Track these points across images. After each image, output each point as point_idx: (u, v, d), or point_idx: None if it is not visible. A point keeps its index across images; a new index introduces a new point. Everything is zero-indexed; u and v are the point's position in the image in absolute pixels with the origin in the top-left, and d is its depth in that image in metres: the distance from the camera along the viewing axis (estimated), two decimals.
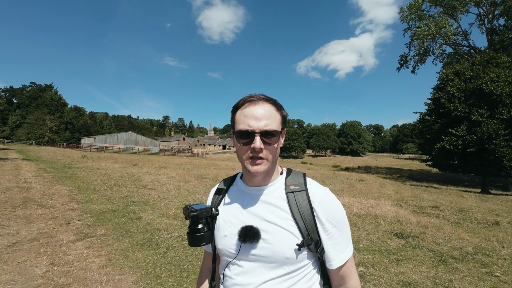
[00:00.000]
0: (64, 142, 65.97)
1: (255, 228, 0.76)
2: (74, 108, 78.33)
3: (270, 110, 0.77)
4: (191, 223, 0.82)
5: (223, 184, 0.94)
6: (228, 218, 0.84)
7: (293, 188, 0.80)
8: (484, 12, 21.75)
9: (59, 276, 2.74)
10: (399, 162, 54.26)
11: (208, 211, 0.83)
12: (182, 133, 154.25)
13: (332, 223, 0.78)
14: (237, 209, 0.84)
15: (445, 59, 24.93)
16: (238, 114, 0.79)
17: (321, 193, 0.80)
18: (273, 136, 0.76)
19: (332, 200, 0.80)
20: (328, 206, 0.78)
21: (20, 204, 5.43)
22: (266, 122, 0.74)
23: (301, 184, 0.81)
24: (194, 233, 0.81)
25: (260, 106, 0.76)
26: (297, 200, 0.78)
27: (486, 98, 14.76)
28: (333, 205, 0.79)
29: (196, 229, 0.81)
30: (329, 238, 0.77)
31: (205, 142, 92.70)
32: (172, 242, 3.86)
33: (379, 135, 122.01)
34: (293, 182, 0.82)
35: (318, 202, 0.78)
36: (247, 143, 0.75)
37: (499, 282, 3.02)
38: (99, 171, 11.46)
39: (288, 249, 0.74)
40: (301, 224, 0.75)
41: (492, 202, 9.60)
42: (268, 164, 0.77)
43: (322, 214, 0.77)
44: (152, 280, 2.79)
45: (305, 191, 0.79)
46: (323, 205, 0.78)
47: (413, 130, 59.15)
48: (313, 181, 0.84)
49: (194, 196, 7.35)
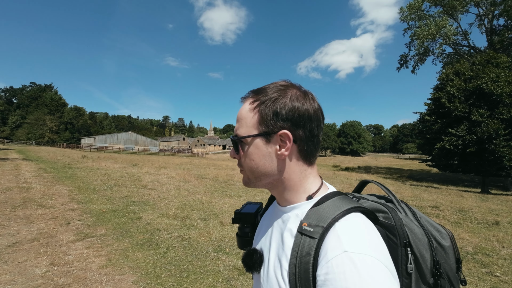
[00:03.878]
0: (64, 142, 66.00)
1: (258, 256, 0.59)
2: (74, 108, 78.41)
3: (246, 109, 0.58)
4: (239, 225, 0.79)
5: None
6: (257, 231, 0.72)
7: (304, 227, 0.50)
8: (484, 12, 21.75)
9: (59, 276, 2.74)
10: (399, 162, 54.24)
11: (251, 217, 0.78)
12: (182, 133, 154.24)
13: None
14: (261, 224, 0.71)
15: (445, 59, 24.93)
16: None
17: (337, 251, 0.44)
18: (239, 142, 0.58)
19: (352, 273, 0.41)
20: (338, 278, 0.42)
21: (20, 204, 5.43)
22: (237, 125, 0.60)
23: (321, 226, 0.48)
24: (240, 235, 0.77)
25: (241, 106, 0.61)
26: (300, 250, 0.49)
27: (486, 98, 14.77)
28: (346, 283, 0.40)
29: (242, 231, 0.77)
30: None
31: (205, 142, 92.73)
32: (172, 242, 3.86)
33: (379, 135, 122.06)
34: (312, 219, 0.51)
35: (324, 263, 0.45)
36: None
37: (499, 282, 3.02)
38: (99, 171, 11.46)
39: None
40: (292, 283, 0.48)
41: (492, 202, 9.60)
42: (249, 176, 0.60)
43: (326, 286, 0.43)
44: (152, 280, 2.79)
45: (317, 240, 0.47)
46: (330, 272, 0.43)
47: (413, 130, 59.16)
48: (351, 229, 0.47)
49: (194, 196, 7.34)
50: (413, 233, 0.54)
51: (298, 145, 0.56)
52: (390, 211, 0.57)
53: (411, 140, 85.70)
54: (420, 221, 0.58)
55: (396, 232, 0.54)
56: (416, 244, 0.54)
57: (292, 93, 0.56)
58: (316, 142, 0.58)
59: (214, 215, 5.44)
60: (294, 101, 0.55)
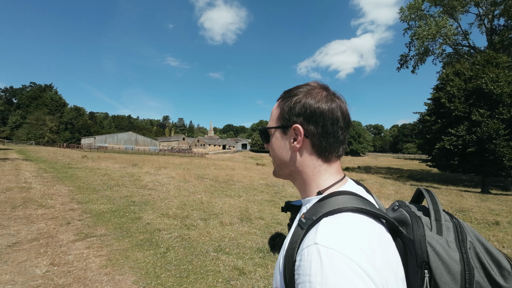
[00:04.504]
0: (64, 142, 66.02)
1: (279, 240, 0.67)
2: (74, 108, 78.44)
3: (275, 105, 0.66)
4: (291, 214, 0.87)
5: None
6: None
7: (301, 219, 0.53)
8: (484, 12, 21.75)
9: (59, 276, 2.74)
10: (399, 162, 54.23)
11: (296, 208, 0.85)
12: (182, 133, 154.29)
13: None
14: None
15: (445, 59, 24.93)
16: None
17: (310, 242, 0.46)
18: (264, 134, 0.67)
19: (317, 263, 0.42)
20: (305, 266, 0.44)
21: (20, 204, 5.43)
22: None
23: (312, 219, 0.50)
24: (289, 225, 0.82)
25: None
26: (293, 237, 0.52)
27: (486, 98, 14.77)
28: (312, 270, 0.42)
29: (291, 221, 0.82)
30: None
31: (205, 142, 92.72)
32: (172, 242, 3.86)
33: (379, 135, 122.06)
34: (309, 213, 0.53)
35: (299, 251, 0.47)
36: None
37: None
38: (99, 171, 11.45)
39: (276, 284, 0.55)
40: (282, 266, 0.52)
41: (492, 202, 9.59)
42: (276, 167, 0.67)
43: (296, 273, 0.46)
44: (152, 280, 2.79)
45: (304, 230, 0.50)
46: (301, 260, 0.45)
47: (413, 130, 59.18)
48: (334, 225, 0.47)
49: (194, 196, 7.34)
50: (438, 255, 0.46)
51: (310, 139, 0.59)
52: (413, 223, 0.51)
53: (411, 140, 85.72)
54: (462, 244, 0.48)
55: (414, 248, 0.48)
56: (439, 269, 0.46)
57: (311, 93, 0.60)
58: (332, 140, 0.58)
59: (214, 215, 5.44)
60: (308, 99, 0.58)
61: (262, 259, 3.46)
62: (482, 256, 0.47)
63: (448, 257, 0.46)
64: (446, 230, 0.50)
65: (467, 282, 0.44)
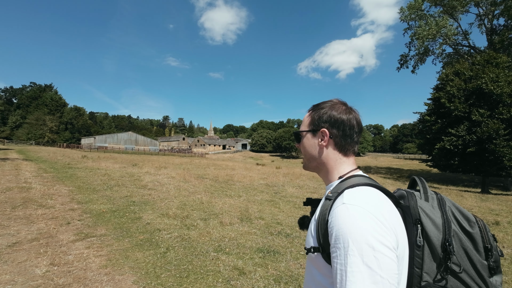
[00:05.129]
0: (64, 142, 66.00)
1: (307, 219, 0.85)
2: (74, 108, 78.41)
3: (306, 114, 0.88)
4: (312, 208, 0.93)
5: None
6: None
7: (329, 195, 0.72)
8: (484, 12, 21.75)
9: (59, 276, 2.74)
10: (399, 162, 54.22)
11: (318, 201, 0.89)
12: (182, 133, 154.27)
13: (336, 242, 0.61)
14: None
15: (445, 59, 24.93)
16: None
17: (338, 204, 0.66)
18: (297, 136, 0.89)
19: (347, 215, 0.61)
20: (337, 219, 0.62)
21: (20, 204, 5.43)
22: (300, 126, 0.90)
23: (337, 192, 0.70)
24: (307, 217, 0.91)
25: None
26: (323, 207, 0.70)
27: (486, 98, 14.77)
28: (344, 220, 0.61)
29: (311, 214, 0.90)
30: (332, 257, 0.62)
31: (205, 142, 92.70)
32: (172, 242, 3.86)
33: (379, 135, 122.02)
34: (334, 189, 0.73)
35: (330, 211, 0.66)
36: None
37: None
38: (99, 171, 11.45)
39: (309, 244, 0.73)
40: (315, 230, 0.70)
41: (492, 202, 9.59)
42: (306, 162, 0.88)
43: (332, 228, 0.63)
44: (152, 280, 2.79)
45: (332, 200, 0.69)
46: (333, 216, 0.64)
47: (413, 130, 59.18)
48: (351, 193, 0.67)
49: (194, 196, 7.34)
50: (426, 214, 0.68)
51: (333, 139, 0.80)
52: (408, 196, 0.74)
53: (411, 140, 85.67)
54: (443, 207, 0.70)
55: (409, 211, 0.70)
56: (427, 223, 0.67)
57: (334, 107, 0.82)
58: (349, 140, 0.80)
59: (214, 215, 5.44)
60: (333, 111, 0.81)
61: (262, 259, 3.46)
62: (457, 215, 0.68)
63: (433, 215, 0.68)
64: (431, 199, 0.72)
65: (447, 230, 0.65)
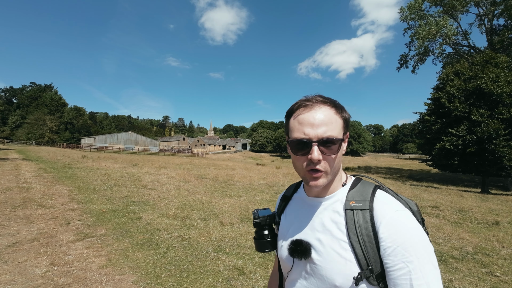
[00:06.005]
0: (64, 142, 65.97)
1: (305, 245, 0.69)
2: (74, 108, 78.38)
3: (329, 113, 0.66)
4: (256, 229, 0.83)
5: (288, 190, 0.89)
6: (285, 227, 0.80)
7: (353, 204, 0.67)
8: (484, 12, 21.75)
9: (59, 276, 2.74)
10: (399, 162, 54.23)
11: (271, 218, 0.83)
12: (182, 133, 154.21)
13: (404, 255, 0.58)
14: (294, 220, 0.78)
15: (445, 59, 24.91)
16: (292, 120, 0.69)
17: (390, 213, 0.63)
18: (333, 144, 0.65)
19: (406, 223, 0.62)
20: (399, 229, 0.60)
21: (20, 204, 5.43)
22: (325, 128, 0.64)
23: (366, 200, 0.66)
24: (259, 239, 0.81)
25: (318, 110, 0.66)
26: (357, 221, 0.64)
27: (486, 98, 14.76)
28: (406, 229, 0.60)
29: (261, 235, 0.81)
30: (400, 275, 0.58)
31: (205, 142, 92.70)
32: (172, 242, 3.86)
33: (379, 135, 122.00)
34: (356, 197, 0.68)
35: (384, 223, 0.62)
36: (303, 154, 0.66)
37: (499, 282, 3.02)
38: (99, 171, 11.45)
39: (339, 277, 0.63)
40: (359, 251, 0.62)
41: (492, 202, 9.60)
42: (328, 177, 0.68)
43: (390, 238, 0.60)
44: (152, 280, 2.79)
45: (368, 210, 0.65)
46: (391, 228, 0.61)
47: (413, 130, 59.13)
48: (386, 197, 0.68)
49: (194, 196, 7.34)
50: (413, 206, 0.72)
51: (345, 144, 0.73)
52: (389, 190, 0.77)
53: (411, 140, 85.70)
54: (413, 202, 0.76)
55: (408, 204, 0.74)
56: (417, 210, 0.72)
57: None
58: None
59: (214, 215, 5.44)
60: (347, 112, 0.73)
61: (262, 259, 3.46)
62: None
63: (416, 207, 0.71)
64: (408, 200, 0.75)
65: (420, 214, 0.70)
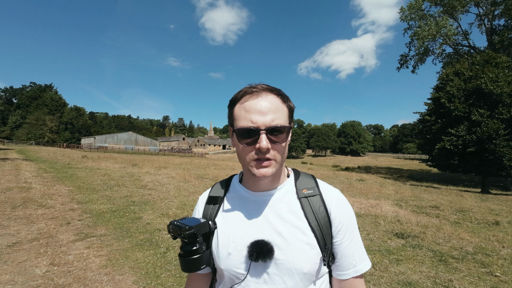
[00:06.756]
0: (64, 142, 66.00)
1: (269, 243, 0.64)
2: (74, 108, 78.46)
3: (276, 101, 0.65)
4: (185, 243, 0.66)
5: (217, 190, 0.79)
6: (230, 231, 0.70)
7: (306, 192, 0.71)
8: (484, 12, 21.76)
9: (59, 276, 2.74)
10: (399, 162, 54.25)
11: (205, 226, 0.68)
12: (182, 133, 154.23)
13: (349, 228, 0.70)
14: (242, 220, 0.70)
15: (445, 59, 24.93)
16: (238, 108, 0.65)
17: (336, 195, 0.73)
18: (281, 132, 0.64)
19: (347, 202, 0.74)
20: (346, 208, 0.72)
21: (20, 204, 5.43)
22: (272, 116, 0.62)
23: (314, 187, 0.73)
24: (190, 255, 0.65)
25: (264, 98, 0.64)
26: (313, 206, 0.69)
27: (486, 98, 14.77)
28: (349, 207, 0.73)
29: (192, 250, 0.65)
30: (347, 245, 0.70)
31: (205, 142, 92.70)
32: (172, 242, 3.86)
33: (379, 135, 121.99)
34: (305, 186, 0.73)
35: (334, 204, 0.71)
36: (250, 143, 0.63)
37: (499, 282, 3.02)
38: (99, 171, 11.45)
39: (307, 264, 0.65)
40: (319, 233, 0.67)
41: (492, 202, 9.60)
42: (277, 166, 0.65)
43: (340, 217, 0.70)
44: (152, 280, 2.79)
45: (319, 195, 0.71)
46: (341, 207, 0.71)
47: (413, 130, 59.14)
48: (323, 183, 0.77)
49: (194, 196, 7.34)
50: None
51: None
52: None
53: (411, 140, 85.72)
54: None
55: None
56: None
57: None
58: None
59: None
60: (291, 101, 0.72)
61: None
62: None
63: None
64: None
65: None
